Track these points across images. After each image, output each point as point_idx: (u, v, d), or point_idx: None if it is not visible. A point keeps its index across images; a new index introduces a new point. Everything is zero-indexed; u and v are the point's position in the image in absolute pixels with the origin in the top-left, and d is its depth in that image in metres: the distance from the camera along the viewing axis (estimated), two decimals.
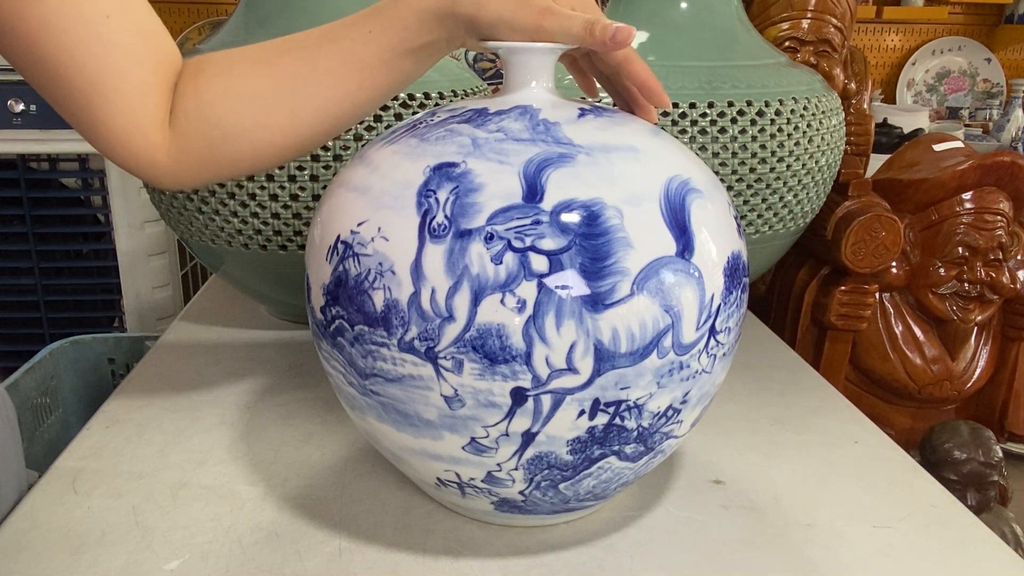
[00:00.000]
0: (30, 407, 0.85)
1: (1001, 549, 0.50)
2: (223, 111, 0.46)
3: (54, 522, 0.50)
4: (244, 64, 0.47)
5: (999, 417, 1.06)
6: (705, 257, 0.41)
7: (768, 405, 0.67)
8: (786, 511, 0.53)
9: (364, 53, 0.46)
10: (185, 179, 0.48)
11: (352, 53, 0.46)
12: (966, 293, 0.97)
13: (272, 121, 0.47)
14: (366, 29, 0.46)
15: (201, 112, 0.46)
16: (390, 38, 0.46)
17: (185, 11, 2.18)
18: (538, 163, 0.40)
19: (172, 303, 1.38)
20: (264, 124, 0.47)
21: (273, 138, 0.47)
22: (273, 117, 0.47)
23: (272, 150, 0.48)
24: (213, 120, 0.46)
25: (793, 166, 0.73)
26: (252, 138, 0.47)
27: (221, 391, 0.68)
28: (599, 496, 0.47)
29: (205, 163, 0.48)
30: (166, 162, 0.47)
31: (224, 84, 0.47)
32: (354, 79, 0.47)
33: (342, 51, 0.47)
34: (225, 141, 0.47)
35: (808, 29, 0.92)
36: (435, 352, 0.40)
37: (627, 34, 0.43)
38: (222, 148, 0.47)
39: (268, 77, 0.47)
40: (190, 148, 0.47)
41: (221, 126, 0.46)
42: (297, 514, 0.51)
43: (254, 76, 0.47)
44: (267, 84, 0.47)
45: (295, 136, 0.48)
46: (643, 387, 0.41)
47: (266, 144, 0.48)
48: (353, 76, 0.47)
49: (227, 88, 0.47)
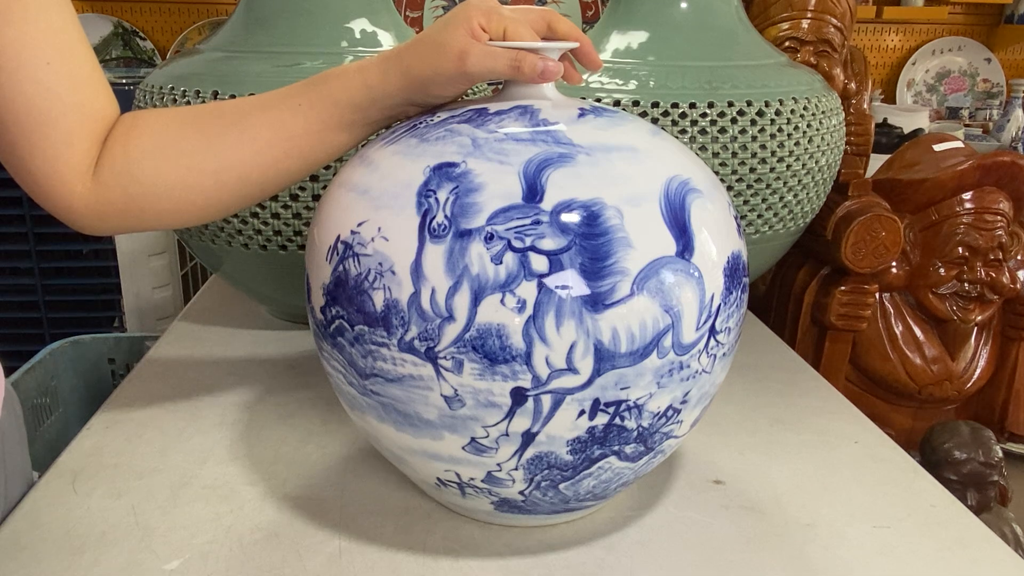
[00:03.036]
0: (30, 407, 0.85)
1: (1001, 549, 0.50)
2: (148, 168, 0.47)
3: (54, 522, 0.50)
4: (175, 124, 0.48)
5: (999, 417, 1.06)
6: (705, 257, 0.41)
7: (768, 405, 0.67)
8: (786, 511, 0.53)
9: (293, 124, 0.47)
10: (103, 228, 0.49)
11: (281, 123, 0.47)
12: (966, 293, 0.97)
13: (196, 182, 0.48)
14: (296, 102, 0.48)
15: (127, 167, 0.47)
16: (319, 112, 0.47)
17: (185, 11, 2.18)
18: (538, 163, 0.40)
19: (172, 303, 1.38)
20: (187, 184, 0.48)
21: (195, 199, 0.48)
22: (197, 178, 0.48)
23: (194, 209, 0.49)
24: (137, 175, 0.47)
25: (793, 166, 0.73)
26: (174, 197, 0.48)
27: (221, 391, 0.68)
28: (599, 496, 0.47)
29: (125, 215, 0.48)
30: (83, 210, 0.47)
31: (152, 142, 0.47)
32: (281, 148, 0.48)
33: (271, 121, 0.48)
34: (147, 197, 0.48)
35: (808, 29, 0.92)
36: (435, 352, 0.40)
37: (556, 71, 0.44)
38: (143, 203, 0.48)
39: (196, 139, 0.48)
40: (112, 200, 0.47)
41: (144, 183, 0.47)
42: (297, 514, 0.51)
43: (182, 137, 0.48)
44: (194, 146, 0.48)
45: (218, 199, 0.49)
46: (643, 387, 0.41)
47: (188, 204, 0.48)
48: (280, 145, 0.48)
49: (155, 146, 0.47)
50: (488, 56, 0.44)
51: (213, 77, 0.69)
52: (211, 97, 0.68)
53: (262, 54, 0.70)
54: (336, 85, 0.47)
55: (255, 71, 0.68)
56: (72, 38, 0.46)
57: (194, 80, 0.69)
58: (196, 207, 0.49)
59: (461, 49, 0.44)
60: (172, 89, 0.70)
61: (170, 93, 0.70)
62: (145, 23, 2.18)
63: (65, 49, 0.45)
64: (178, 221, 0.50)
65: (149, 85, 0.73)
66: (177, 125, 0.48)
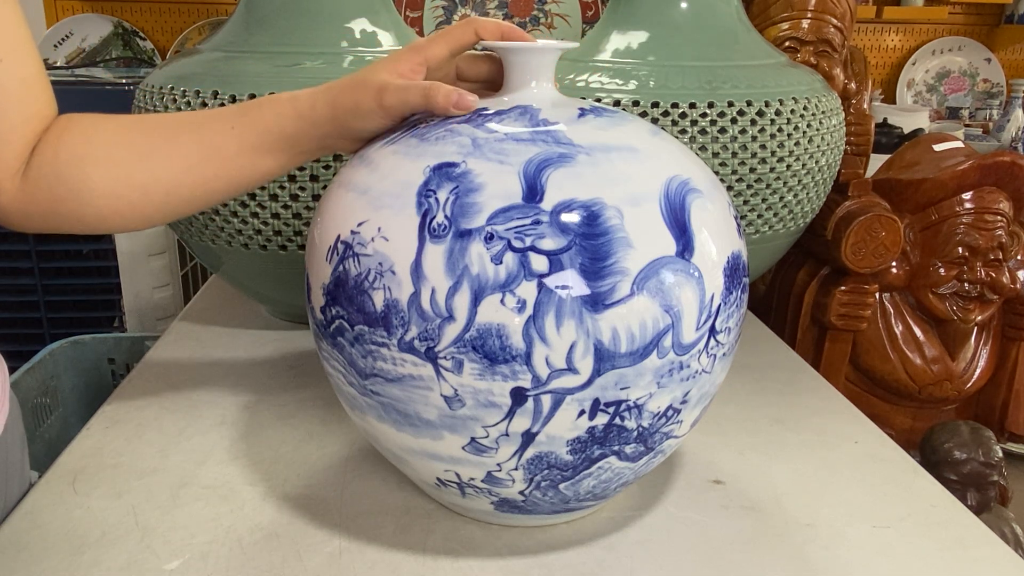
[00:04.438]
0: (30, 407, 0.85)
1: (1001, 549, 0.50)
2: (76, 173, 0.48)
3: (54, 522, 0.50)
4: (108, 133, 0.49)
5: (999, 417, 1.06)
6: (705, 257, 0.41)
7: (768, 405, 0.67)
8: (786, 511, 0.53)
9: (223, 146, 0.48)
10: (28, 225, 0.50)
11: (212, 144, 0.48)
12: (966, 293, 0.97)
13: (123, 193, 0.48)
14: (229, 124, 0.48)
15: (55, 168, 0.47)
16: (249, 136, 0.48)
17: (185, 11, 2.18)
18: (538, 163, 0.40)
19: (172, 303, 1.38)
20: (113, 193, 0.48)
21: (120, 208, 0.49)
22: (124, 190, 0.48)
23: (118, 219, 0.49)
24: (64, 178, 0.47)
25: (793, 166, 0.73)
26: (99, 204, 0.48)
27: (221, 391, 0.68)
28: (599, 496, 0.47)
29: (48, 216, 0.49)
30: (8, 207, 0.48)
31: (84, 148, 0.48)
32: (211, 168, 0.49)
33: (202, 140, 0.48)
34: (72, 201, 0.48)
35: (808, 29, 0.92)
36: (435, 352, 0.40)
37: (470, 103, 0.45)
38: (67, 206, 0.48)
39: (127, 150, 0.48)
40: (38, 199, 0.48)
41: (70, 186, 0.48)
42: (297, 514, 0.51)
43: (114, 147, 0.48)
44: (125, 156, 0.48)
45: (142, 211, 0.49)
46: (643, 387, 0.41)
47: (111, 212, 0.49)
48: (210, 165, 0.49)
49: (85, 153, 0.48)
50: (402, 90, 0.45)
51: (213, 77, 0.69)
52: (211, 97, 0.68)
53: (262, 54, 0.69)
54: (268, 112, 0.48)
55: (255, 71, 0.68)
56: (22, 36, 0.46)
57: (194, 80, 0.69)
58: (119, 216, 0.49)
59: (379, 85, 0.46)
60: (172, 89, 0.70)
61: (170, 93, 0.70)
62: (145, 23, 2.18)
63: (15, 47, 0.46)
64: (101, 227, 0.51)
65: (149, 85, 0.73)
66: (110, 134, 0.49)
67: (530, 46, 0.45)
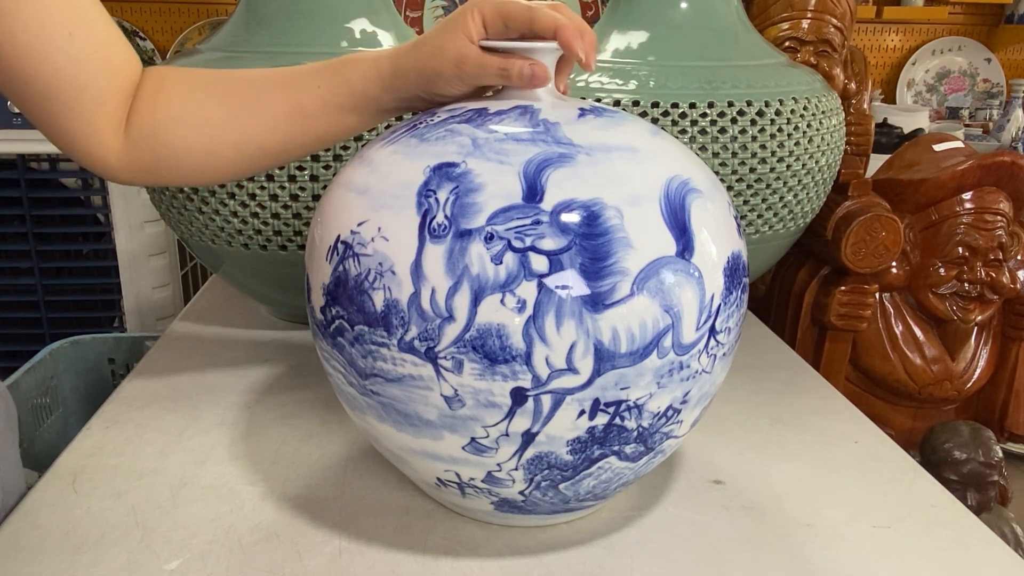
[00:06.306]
0: (30, 407, 0.85)
1: (1001, 549, 0.50)
2: (174, 133, 0.50)
3: (54, 522, 0.50)
4: (200, 91, 0.51)
5: (999, 417, 1.06)
6: (705, 257, 0.41)
7: (768, 405, 0.67)
8: (786, 511, 0.53)
9: (310, 104, 0.50)
10: (133, 181, 0.53)
11: (299, 102, 0.50)
12: (966, 293, 0.97)
13: (217, 150, 0.51)
14: (315, 83, 0.50)
15: (154, 130, 0.50)
16: (334, 96, 0.50)
17: (185, 11, 2.18)
18: (538, 163, 0.40)
19: (172, 303, 1.38)
20: (209, 152, 0.51)
21: (217, 164, 0.52)
22: (219, 147, 0.51)
23: (215, 174, 0.53)
24: (164, 139, 0.50)
25: (793, 166, 0.73)
26: (197, 161, 0.51)
27: (221, 391, 0.68)
28: (599, 496, 0.47)
29: (151, 172, 0.52)
30: (117, 165, 0.51)
31: (180, 108, 0.50)
32: (299, 125, 0.51)
33: (289, 99, 0.51)
34: (172, 159, 0.51)
35: (808, 29, 0.92)
36: (435, 352, 0.40)
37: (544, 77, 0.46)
38: (168, 164, 0.51)
39: (220, 109, 0.51)
40: (141, 158, 0.51)
41: (169, 146, 0.51)
42: (297, 514, 0.51)
43: (208, 105, 0.51)
44: (218, 116, 0.51)
45: (235, 166, 0.52)
46: (643, 387, 0.41)
47: (209, 168, 0.52)
48: (298, 123, 0.51)
49: (181, 112, 0.50)
50: (480, 65, 0.46)
51: None
52: None
53: (262, 54, 0.69)
54: (353, 72, 0.50)
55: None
56: (86, 4, 0.48)
57: None
58: (216, 171, 0.52)
59: (458, 55, 0.46)
60: None
61: None
62: (145, 23, 2.18)
63: (83, 17, 0.47)
64: (199, 181, 0.54)
65: None
66: (202, 93, 0.51)
67: (530, 46, 0.45)
